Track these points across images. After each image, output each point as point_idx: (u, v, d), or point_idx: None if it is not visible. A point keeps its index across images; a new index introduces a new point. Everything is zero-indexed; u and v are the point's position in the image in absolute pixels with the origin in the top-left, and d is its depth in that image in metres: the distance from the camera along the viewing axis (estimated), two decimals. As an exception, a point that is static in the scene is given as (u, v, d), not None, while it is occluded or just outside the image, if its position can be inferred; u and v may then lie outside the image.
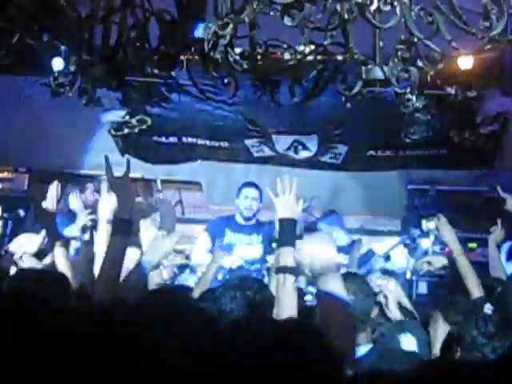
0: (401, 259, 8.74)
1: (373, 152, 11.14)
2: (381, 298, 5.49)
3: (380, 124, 10.28)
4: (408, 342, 4.92)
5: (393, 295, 5.44)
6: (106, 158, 4.97)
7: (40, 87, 6.58)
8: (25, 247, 6.41)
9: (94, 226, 6.70)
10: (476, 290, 5.41)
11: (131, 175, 10.88)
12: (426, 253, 9.19)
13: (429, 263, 6.31)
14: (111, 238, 4.88)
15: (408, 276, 9.01)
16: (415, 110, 6.14)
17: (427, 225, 6.82)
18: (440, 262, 6.13)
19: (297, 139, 11.03)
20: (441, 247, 9.15)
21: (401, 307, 5.45)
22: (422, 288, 9.62)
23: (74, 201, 6.91)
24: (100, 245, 5.46)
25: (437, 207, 6.31)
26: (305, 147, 11.14)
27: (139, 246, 5.86)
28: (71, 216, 8.26)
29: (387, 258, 8.37)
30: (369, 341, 4.86)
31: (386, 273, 7.14)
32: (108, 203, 5.56)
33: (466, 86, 6.25)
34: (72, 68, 5.94)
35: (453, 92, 5.89)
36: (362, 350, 4.64)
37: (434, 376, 2.86)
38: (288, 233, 4.47)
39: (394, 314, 5.34)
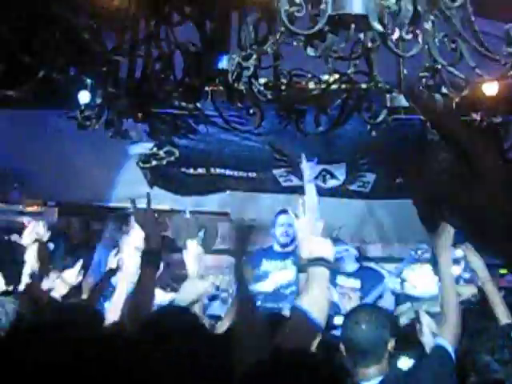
0: (420, 282, 8.72)
1: (401, 180, 11.14)
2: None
3: (406, 152, 10.28)
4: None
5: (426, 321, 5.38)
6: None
7: (67, 120, 6.61)
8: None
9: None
10: (504, 317, 5.37)
11: (160, 207, 11.02)
12: (457, 279, 9.17)
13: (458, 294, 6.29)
14: (141, 269, 4.88)
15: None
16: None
17: (454, 252, 6.83)
18: (469, 291, 6.11)
19: (325, 168, 11.06)
20: (471, 274, 9.14)
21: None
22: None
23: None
24: (127, 276, 5.50)
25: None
26: (333, 176, 11.18)
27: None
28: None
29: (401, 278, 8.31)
30: (382, 373, 4.72)
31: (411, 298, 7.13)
32: (136, 236, 5.59)
33: (492, 111, 6.25)
34: (98, 101, 5.97)
35: (478, 118, 5.87)
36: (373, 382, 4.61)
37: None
38: None
39: (427, 339, 5.28)
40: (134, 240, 5.66)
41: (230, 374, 3.30)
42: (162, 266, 5.40)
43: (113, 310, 5.37)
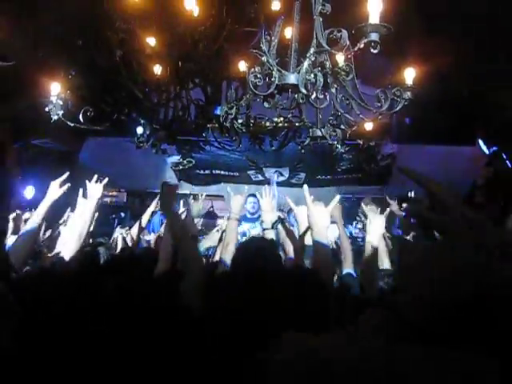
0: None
1: (319, 176, 11.22)
2: None
3: (322, 161, 10.33)
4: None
5: None
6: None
7: (131, 144, 6.56)
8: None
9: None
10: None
11: (184, 192, 10.96)
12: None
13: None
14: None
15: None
16: (341, 152, 6.10)
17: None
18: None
19: (277, 170, 11.11)
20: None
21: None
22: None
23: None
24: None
25: (355, 208, 6.25)
26: (282, 174, 11.24)
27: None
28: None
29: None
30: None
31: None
32: None
33: (370, 138, 6.27)
34: (147, 132, 5.91)
35: (361, 142, 5.86)
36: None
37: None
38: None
39: None
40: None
41: None
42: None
43: None
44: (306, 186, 3.55)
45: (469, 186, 9.29)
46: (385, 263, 4.64)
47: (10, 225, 5.63)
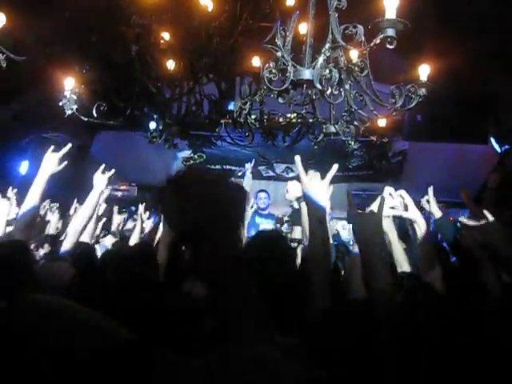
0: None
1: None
2: None
3: (333, 157, 10.30)
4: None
5: None
6: None
7: (143, 138, 6.57)
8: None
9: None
10: None
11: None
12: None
13: None
14: None
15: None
16: (353, 149, 6.09)
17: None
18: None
19: (288, 166, 11.10)
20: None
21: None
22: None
23: None
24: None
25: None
26: (292, 170, 11.23)
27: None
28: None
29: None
30: None
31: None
32: None
33: (382, 135, 6.24)
34: (160, 127, 5.91)
35: (374, 139, 5.84)
36: None
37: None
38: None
39: None
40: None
41: None
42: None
43: None
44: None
45: (479, 183, 9.24)
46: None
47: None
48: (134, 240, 5.52)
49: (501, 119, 7.88)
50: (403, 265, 4.16)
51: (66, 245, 3.88)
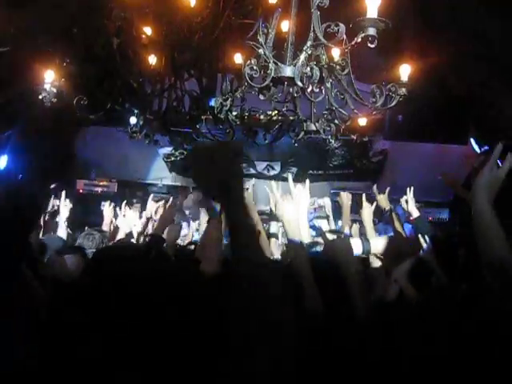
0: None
1: (311, 171, 11.23)
2: None
3: (314, 156, 10.35)
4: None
5: None
6: None
7: (124, 134, 6.53)
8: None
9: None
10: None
11: (175, 184, 10.98)
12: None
13: None
14: None
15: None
16: (334, 148, 6.12)
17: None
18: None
19: (269, 164, 11.13)
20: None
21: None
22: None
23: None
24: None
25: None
26: (273, 168, 11.25)
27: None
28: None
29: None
30: None
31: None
32: None
33: (363, 134, 6.27)
34: (141, 122, 5.89)
35: (355, 138, 5.87)
36: None
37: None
38: None
39: None
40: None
41: None
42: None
43: None
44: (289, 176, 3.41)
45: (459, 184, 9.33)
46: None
47: None
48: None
49: (481, 120, 7.95)
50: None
51: None
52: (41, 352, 1.84)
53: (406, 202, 5.48)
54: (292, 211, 3.23)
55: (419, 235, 4.90)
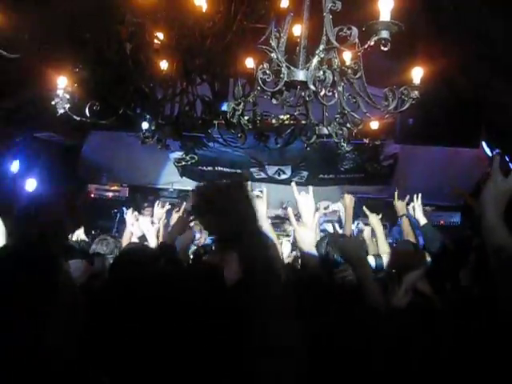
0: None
1: (322, 175, 11.24)
2: None
3: (325, 160, 10.35)
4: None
5: None
6: None
7: (135, 139, 6.57)
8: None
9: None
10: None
11: (186, 188, 11.04)
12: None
13: None
14: None
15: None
16: (346, 151, 6.09)
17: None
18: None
19: (279, 168, 11.15)
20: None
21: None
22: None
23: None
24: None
25: (358, 208, 6.23)
26: (284, 172, 11.27)
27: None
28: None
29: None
30: None
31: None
32: None
33: (374, 138, 6.25)
34: (153, 127, 5.91)
35: (367, 141, 5.87)
36: None
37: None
38: None
39: None
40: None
41: None
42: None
43: None
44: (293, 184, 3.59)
45: (471, 188, 9.29)
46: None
47: None
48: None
49: (492, 123, 7.92)
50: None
51: None
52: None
53: (414, 209, 5.50)
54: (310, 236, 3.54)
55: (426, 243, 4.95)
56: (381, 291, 2.80)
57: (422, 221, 5.36)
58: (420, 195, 5.53)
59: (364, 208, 5.18)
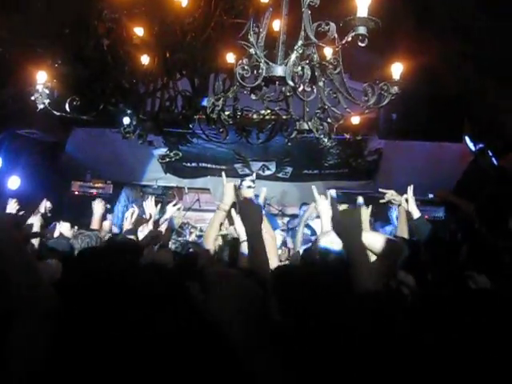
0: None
1: (306, 171, 11.25)
2: None
3: (309, 155, 10.36)
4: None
5: None
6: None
7: (116, 134, 6.52)
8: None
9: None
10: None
11: (170, 185, 11.06)
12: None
13: None
14: None
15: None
16: (329, 147, 6.10)
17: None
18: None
19: (264, 164, 11.14)
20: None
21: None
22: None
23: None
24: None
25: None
26: (268, 168, 11.26)
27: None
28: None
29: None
30: None
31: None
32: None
33: (356, 133, 6.28)
34: (134, 123, 5.88)
35: (349, 136, 5.88)
36: None
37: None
38: None
39: None
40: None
41: None
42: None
43: None
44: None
45: (454, 182, 9.35)
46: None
47: None
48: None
49: (475, 118, 7.96)
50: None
51: None
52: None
53: (407, 200, 5.43)
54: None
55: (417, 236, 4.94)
56: (372, 275, 2.72)
57: (416, 214, 5.29)
58: (412, 187, 5.48)
59: (314, 189, 4.98)
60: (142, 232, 5.60)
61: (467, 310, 1.89)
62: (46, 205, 6.81)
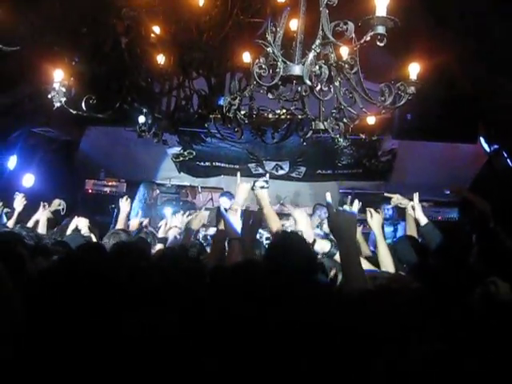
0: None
1: (320, 171, 11.22)
2: None
3: (323, 155, 10.34)
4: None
5: None
6: None
7: (132, 134, 6.55)
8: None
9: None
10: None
11: (184, 184, 11.05)
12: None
13: None
14: None
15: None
16: (343, 147, 6.10)
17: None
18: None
19: (277, 163, 11.12)
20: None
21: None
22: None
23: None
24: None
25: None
26: (282, 168, 11.24)
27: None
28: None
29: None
30: None
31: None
32: None
33: (371, 133, 6.26)
34: (149, 121, 5.90)
35: (364, 137, 5.87)
36: None
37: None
38: None
39: None
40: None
41: None
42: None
43: None
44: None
45: (469, 183, 9.30)
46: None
47: None
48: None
49: (490, 119, 7.92)
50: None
51: None
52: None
53: (413, 208, 5.38)
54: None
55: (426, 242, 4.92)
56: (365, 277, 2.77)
57: (423, 220, 5.22)
58: (417, 194, 5.43)
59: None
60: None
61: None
62: (58, 203, 6.87)
